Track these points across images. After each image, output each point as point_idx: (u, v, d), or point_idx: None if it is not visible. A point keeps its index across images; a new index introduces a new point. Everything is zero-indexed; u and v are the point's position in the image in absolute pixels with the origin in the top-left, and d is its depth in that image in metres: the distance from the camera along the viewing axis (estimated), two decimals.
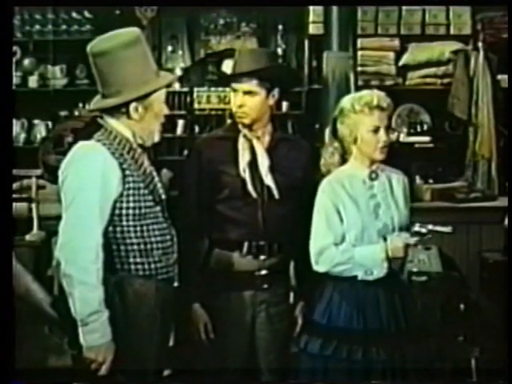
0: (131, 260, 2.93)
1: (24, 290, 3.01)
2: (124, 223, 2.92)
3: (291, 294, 3.55)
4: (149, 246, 2.95)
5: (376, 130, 3.23)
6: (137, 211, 2.92)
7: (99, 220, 2.86)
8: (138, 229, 2.94)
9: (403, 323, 3.28)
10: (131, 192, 2.91)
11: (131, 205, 2.91)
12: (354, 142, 3.27)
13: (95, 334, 2.82)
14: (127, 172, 2.90)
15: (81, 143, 2.95)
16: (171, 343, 3.26)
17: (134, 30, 2.97)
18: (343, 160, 3.34)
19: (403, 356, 3.22)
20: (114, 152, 2.91)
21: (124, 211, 2.91)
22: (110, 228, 2.90)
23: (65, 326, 2.92)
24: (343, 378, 3.17)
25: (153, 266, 2.95)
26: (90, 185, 2.84)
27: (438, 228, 3.18)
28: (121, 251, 2.93)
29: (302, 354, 3.28)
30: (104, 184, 2.85)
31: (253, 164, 3.40)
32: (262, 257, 3.41)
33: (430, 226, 3.18)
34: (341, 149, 3.33)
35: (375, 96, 3.24)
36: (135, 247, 2.93)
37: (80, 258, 2.80)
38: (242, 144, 3.42)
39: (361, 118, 3.23)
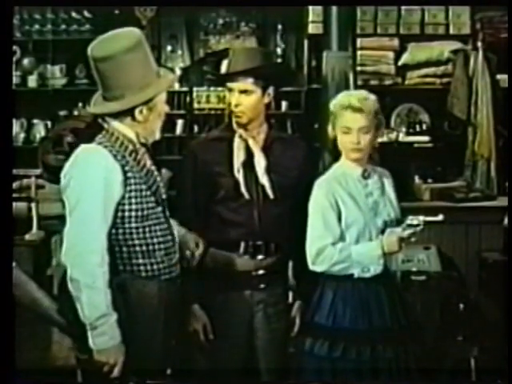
0: (134, 261, 2.93)
1: (30, 300, 3.00)
2: (126, 225, 2.91)
3: (289, 294, 3.55)
4: (151, 247, 2.95)
5: (347, 131, 3.24)
6: (139, 213, 2.92)
7: (103, 223, 2.86)
8: (141, 230, 2.93)
9: (403, 320, 3.29)
10: (133, 194, 2.90)
11: (133, 207, 2.91)
12: (335, 141, 3.30)
13: (104, 337, 2.82)
14: (129, 174, 2.90)
15: (83, 146, 2.94)
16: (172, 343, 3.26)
17: (135, 32, 2.95)
18: (336, 155, 3.37)
19: (405, 354, 3.24)
20: (115, 154, 2.90)
21: (127, 213, 2.90)
22: (113, 230, 2.90)
23: (73, 332, 2.92)
24: (351, 379, 3.18)
25: (155, 266, 2.95)
26: (92, 188, 2.84)
27: (429, 218, 3.19)
28: (123, 253, 2.92)
29: (307, 356, 3.26)
30: (106, 187, 2.85)
31: (248, 164, 3.40)
32: (260, 256, 3.41)
33: (422, 217, 3.19)
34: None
35: (352, 97, 3.26)
36: (137, 248, 2.93)
37: (86, 261, 2.80)
38: (237, 144, 3.42)
39: (336, 119, 3.27)
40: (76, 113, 6.95)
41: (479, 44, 6.53)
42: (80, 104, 6.84)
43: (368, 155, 3.32)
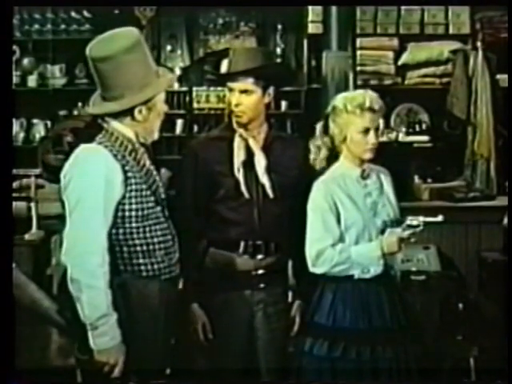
0: (134, 261, 2.93)
1: (29, 301, 3.00)
2: (127, 225, 2.91)
3: (289, 294, 3.55)
4: (151, 247, 2.95)
5: (366, 131, 3.24)
6: (139, 213, 2.92)
7: (103, 223, 2.85)
8: (141, 230, 2.93)
9: (403, 320, 3.29)
10: (133, 194, 2.91)
11: (134, 207, 2.91)
12: (344, 141, 3.29)
13: (105, 337, 2.82)
14: (129, 174, 2.90)
15: (83, 146, 2.94)
16: (171, 342, 3.27)
17: (133, 32, 2.94)
18: (333, 156, 3.35)
19: (405, 354, 3.24)
20: (116, 154, 2.90)
21: (127, 213, 2.90)
22: (113, 230, 2.90)
23: (73, 332, 2.92)
24: (351, 379, 3.18)
25: (156, 266, 2.95)
26: (93, 188, 2.83)
27: (429, 219, 3.20)
28: (124, 253, 2.92)
29: (307, 356, 3.25)
30: (107, 187, 2.84)
31: (248, 163, 3.40)
32: (259, 256, 3.41)
33: (421, 218, 3.19)
34: (330, 144, 3.34)
35: (368, 97, 3.25)
36: (138, 248, 2.93)
37: (87, 262, 2.80)
38: (237, 143, 3.42)
39: (352, 119, 3.25)
40: (76, 113, 6.96)
41: (479, 44, 6.53)
42: (80, 104, 6.85)
43: None
